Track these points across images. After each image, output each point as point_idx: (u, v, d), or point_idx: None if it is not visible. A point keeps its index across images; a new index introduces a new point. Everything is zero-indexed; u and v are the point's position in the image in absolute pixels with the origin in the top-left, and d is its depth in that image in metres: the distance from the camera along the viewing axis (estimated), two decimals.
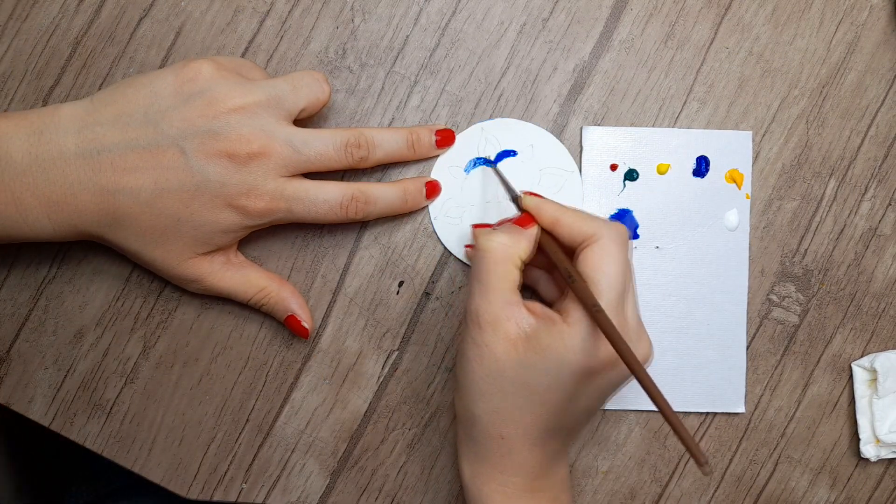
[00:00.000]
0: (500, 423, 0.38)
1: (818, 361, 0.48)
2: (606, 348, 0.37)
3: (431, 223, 0.46)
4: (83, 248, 0.45)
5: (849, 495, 0.48)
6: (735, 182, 0.47)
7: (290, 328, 0.44)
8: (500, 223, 0.44)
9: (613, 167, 0.46)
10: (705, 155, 0.46)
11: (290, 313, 0.44)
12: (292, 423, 0.46)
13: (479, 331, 0.38)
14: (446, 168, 0.46)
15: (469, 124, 0.46)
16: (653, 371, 0.43)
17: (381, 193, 0.43)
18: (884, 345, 0.48)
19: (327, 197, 0.41)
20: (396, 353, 0.47)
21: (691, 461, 0.47)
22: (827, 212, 0.47)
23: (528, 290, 0.46)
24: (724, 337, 0.47)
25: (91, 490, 0.64)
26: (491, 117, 0.46)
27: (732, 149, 0.47)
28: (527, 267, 0.41)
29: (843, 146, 0.47)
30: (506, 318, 0.38)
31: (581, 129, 0.46)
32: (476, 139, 0.46)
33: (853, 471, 0.48)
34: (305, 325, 0.44)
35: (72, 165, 0.38)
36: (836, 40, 0.47)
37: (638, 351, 0.39)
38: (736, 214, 0.47)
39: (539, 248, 0.40)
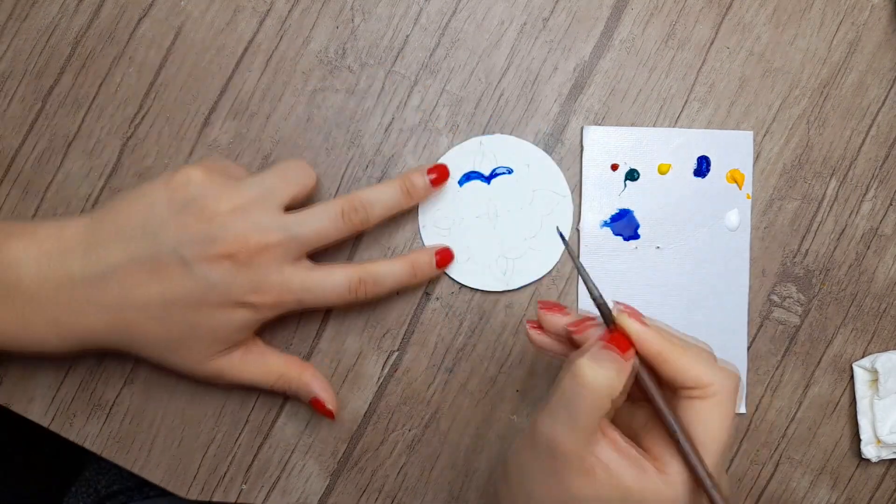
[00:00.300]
0: None
1: (819, 362, 0.48)
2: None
3: (420, 233, 0.46)
4: None
5: (850, 496, 0.48)
6: (736, 182, 0.46)
7: (315, 410, 0.44)
8: (579, 327, 0.37)
9: (614, 167, 0.46)
10: (706, 155, 0.46)
11: (313, 396, 0.44)
12: (292, 424, 0.46)
13: (552, 461, 0.34)
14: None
15: (469, 125, 0.46)
16: None
17: (387, 270, 0.43)
18: (885, 345, 0.48)
19: (335, 284, 0.42)
20: (396, 353, 0.46)
21: None
22: (828, 212, 0.47)
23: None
24: (724, 338, 0.47)
25: (92, 492, 0.63)
26: (491, 118, 0.46)
27: (733, 149, 0.46)
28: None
29: (844, 146, 0.47)
30: (588, 453, 0.34)
31: (582, 128, 0.46)
32: (473, 152, 0.46)
33: (854, 471, 0.48)
34: (330, 407, 0.44)
35: (79, 288, 0.39)
36: (837, 40, 0.47)
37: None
38: (737, 215, 0.47)
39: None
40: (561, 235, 0.38)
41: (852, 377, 0.47)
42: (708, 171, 0.46)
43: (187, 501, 0.46)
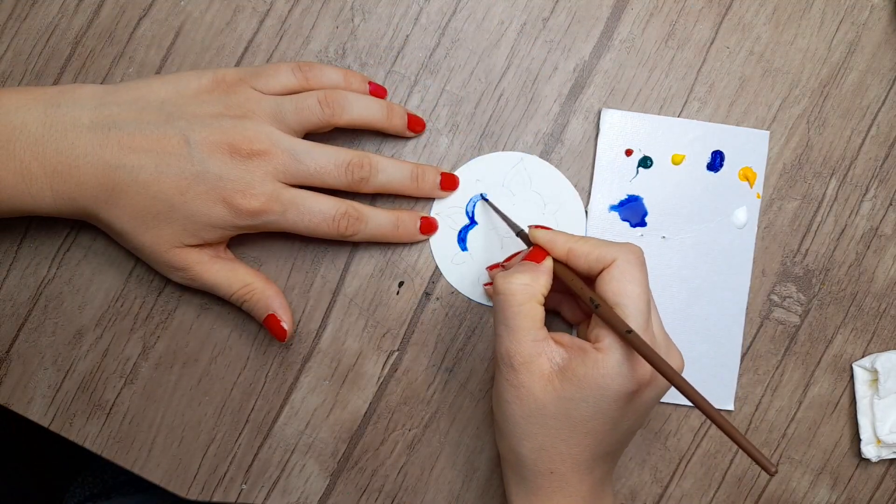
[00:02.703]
0: (548, 460, 0.39)
1: (819, 362, 0.48)
2: (643, 369, 0.37)
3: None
4: (83, 247, 0.45)
5: (850, 496, 0.48)
6: (748, 180, 0.46)
7: (268, 328, 0.43)
8: (510, 259, 0.44)
9: (629, 152, 0.46)
10: (721, 150, 0.46)
11: (270, 312, 0.43)
12: (292, 424, 0.46)
13: (513, 372, 0.38)
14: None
15: (469, 125, 0.46)
16: None
17: (373, 214, 0.44)
18: (885, 345, 0.48)
19: (322, 207, 0.42)
20: (396, 353, 0.46)
21: (693, 462, 0.47)
22: (828, 212, 0.47)
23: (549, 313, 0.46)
24: (720, 333, 0.47)
25: (99, 482, 0.63)
26: (491, 118, 0.46)
27: (749, 147, 0.46)
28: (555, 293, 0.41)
29: (844, 146, 0.47)
30: (537, 355, 0.38)
31: (600, 110, 0.46)
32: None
33: (854, 471, 0.48)
34: (285, 325, 0.43)
35: (82, 137, 0.39)
36: (837, 40, 0.47)
37: (672, 363, 0.39)
38: (745, 212, 0.47)
39: (554, 277, 0.40)
40: (483, 197, 0.46)
41: (852, 377, 0.47)
42: (721, 166, 0.46)
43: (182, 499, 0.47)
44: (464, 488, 0.47)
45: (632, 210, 0.46)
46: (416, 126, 0.45)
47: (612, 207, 0.46)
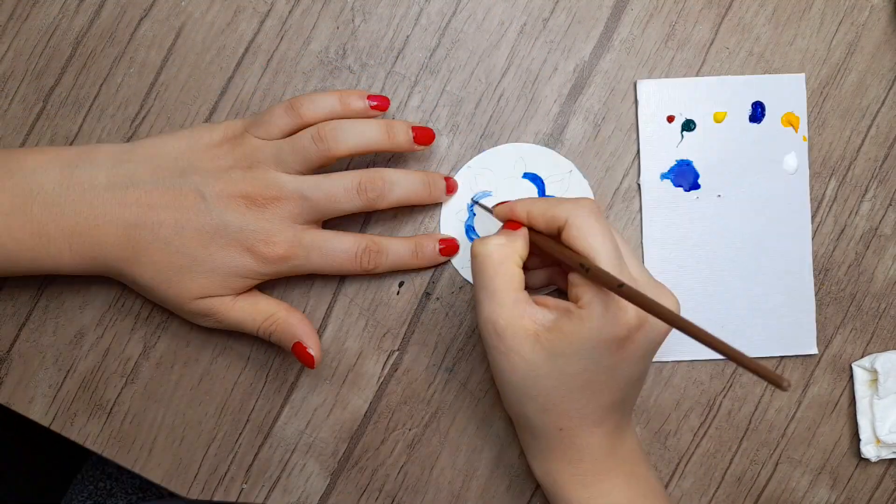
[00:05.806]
0: (555, 418, 0.39)
1: (819, 362, 0.48)
2: (626, 315, 0.37)
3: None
4: None
5: (849, 496, 0.48)
6: (792, 125, 0.46)
7: (296, 356, 0.43)
8: None
9: (670, 119, 0.46)
10: (760, 101, 0.46)
11: (297, 340, 0.43)
12: (292, 424, 0.46)
13: (498, 339, 0.38)
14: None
15: (469, 125, 0.46)
16: (725, 319, 0.46)
17: (392, 245, 0.44)
18: (884, 345, 0.48)
19: (344, 246, 0.42)
20: (397, 353, 0.47)
21: (692, 461, 0.47)
22: (827, 212, 0.47)
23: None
24: (791, 280, 0.47)
25: (98, 481, 0.64)
26: (491, 118, 0.46)
27: (787, 92, 0.46)
28: (546, 268, 0.43)
29: (844, 146, 0.47)
30: (519, 316, 0.38)
31: (635, 83, 0.46)
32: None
33: (853, 471, 0.48)
34: (311, 352, 0.43)
35: (100, 197, 0.40)
36: (837, 41, 0.47)
37: (663, 302, 0.38)
38: (794, 157, 0.47)
39: (539, 251, 0.40)
40: (475, 203, 0.46)
41: (852, 377, 0.47)
42: (763, 116, 0.46)
43: (189, 501, 0.47)
44: (464, 488, 0.47)
45: (683, 175, 0.47)
46: (423, 139, 0.44)
47: (664, 175, 0.46)
